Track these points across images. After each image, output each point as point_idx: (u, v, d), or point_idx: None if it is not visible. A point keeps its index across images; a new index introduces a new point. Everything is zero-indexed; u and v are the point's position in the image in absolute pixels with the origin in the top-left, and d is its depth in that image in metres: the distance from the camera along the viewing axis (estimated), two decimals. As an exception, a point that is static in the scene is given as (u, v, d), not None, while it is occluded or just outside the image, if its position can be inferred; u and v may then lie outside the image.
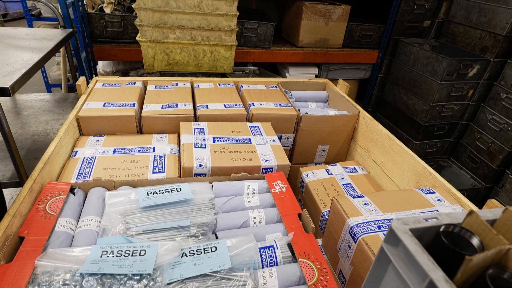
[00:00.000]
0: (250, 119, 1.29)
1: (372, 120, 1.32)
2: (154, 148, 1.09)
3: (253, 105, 1.31)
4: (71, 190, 0.84)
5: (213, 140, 1.08)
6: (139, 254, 0.67)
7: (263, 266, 0.72)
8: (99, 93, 1.29)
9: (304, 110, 1.37)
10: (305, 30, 2.24)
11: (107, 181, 0.89)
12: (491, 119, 2.06)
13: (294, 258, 0.74)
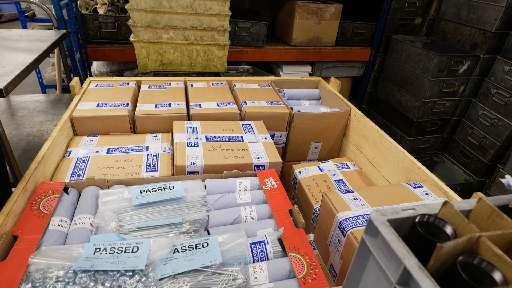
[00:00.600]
0: (243, 118, 1.30)
1: (363, 117, 1.33)
2: (147, 147, 1.10)
3: (246, 103, 1.33)
4: (64, 189, 0.86)
5: (205, 139, 1.10)
6: (132, 251, 0.68)
7: (254, 261, 0.74)
8: (93, 93, 1.30)
9: (296, 108, 1.38)
10: (298, 29, 2.25)
11: (101, 180, 0.90)
12: (482, 115, 2.08)
13: (285, 252, 0.76)
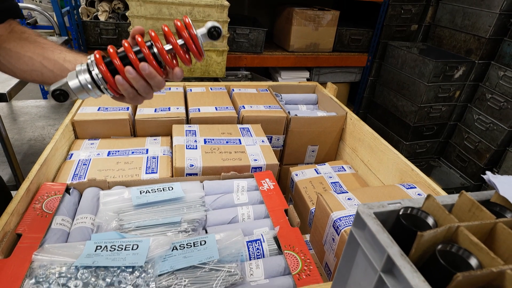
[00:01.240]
0: (240, 121, 1.33)
1: (359, 120, 1.36)
2: (147, 150, 1.13)
3: (244, 107, 1.36)
4: (66, 190, 0.88)
5: (204, 142, 1.12)
6: (132, 248, 0.70)
7: (250, 258, 0.76)
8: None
9: (294, 112, 1.41)
10: (295, 35, 2.30)
11: (102, 181, 0.92)
12: (477, 119, 2.11)
13: (280, 250, 0.78)
